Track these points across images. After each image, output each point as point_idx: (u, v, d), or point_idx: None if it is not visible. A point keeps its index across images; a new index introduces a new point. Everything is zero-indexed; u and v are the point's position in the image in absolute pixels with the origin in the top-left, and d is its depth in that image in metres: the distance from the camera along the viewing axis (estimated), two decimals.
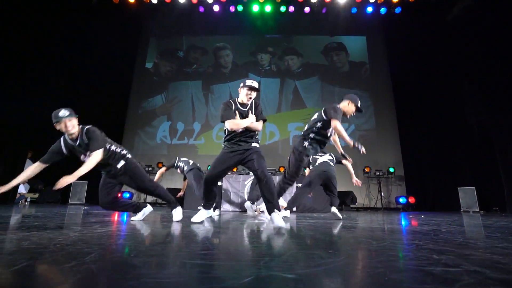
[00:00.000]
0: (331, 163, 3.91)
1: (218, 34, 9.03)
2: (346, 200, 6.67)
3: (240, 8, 8.10)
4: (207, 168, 6.79)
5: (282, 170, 6.87)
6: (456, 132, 6.59)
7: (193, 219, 2.55)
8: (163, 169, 4.54)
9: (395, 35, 8.28)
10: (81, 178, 6.33)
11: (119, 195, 6.53)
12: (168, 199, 2.74)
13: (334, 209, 3.57)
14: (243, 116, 2.44)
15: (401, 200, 7.03)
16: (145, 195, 7.33)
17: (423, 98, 7.52)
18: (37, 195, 5.95)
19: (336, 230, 2.13)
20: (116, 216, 3.30)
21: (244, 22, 8.72)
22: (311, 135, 2.93)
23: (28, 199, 6.32)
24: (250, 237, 1.73)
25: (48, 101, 6.10)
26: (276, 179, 5.82)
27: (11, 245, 1.23)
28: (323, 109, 2.92)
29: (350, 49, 8.84)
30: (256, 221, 3.02)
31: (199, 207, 2.72)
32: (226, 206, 5.71)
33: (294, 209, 3.37)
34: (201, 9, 8.12)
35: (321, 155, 4.02)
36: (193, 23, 8.65)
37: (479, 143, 5.97)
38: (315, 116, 3.02)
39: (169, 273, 0.82)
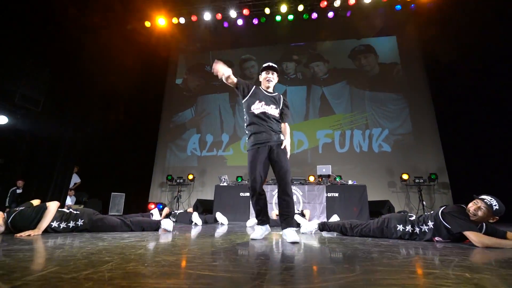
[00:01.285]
0: None
1: (243, 47, 9.31)
2: (382, 210, 6.30)
3: (263, 20, 8.30)
4: (236, 179, 6.99)
5: (312, 179, 6.73)
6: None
7: (252, 236, 2.38)
8: (167, 210, 4.98)
9: (428, 32, 7.80)
10: (119, 190, 6.78)
11: (154, 205, 6.83)
12: (154, 227, 2.94)
13: None
14: (267, 99, 2.39)
15: None
16: (176, 206, 7.65)
17: (467, 96, 6.89)
18: (82, 206, 6.56)
19: (363, 244, 2.04)
20: None
21: (267, 33, 8.91)
22: None
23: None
24: (262, 250, 1.73)
25: (91, 121, 6.75)
26: (305, 188, 5.74)
27: (45, 253, 1.39)
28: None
29: (379, 51, 8.52)
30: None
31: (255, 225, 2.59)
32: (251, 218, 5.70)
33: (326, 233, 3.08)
34: (226, 24, 8.48)
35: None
36: (218, 38, 9.05)
37: None
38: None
39: (171, 283, 0.87)
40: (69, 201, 6.50)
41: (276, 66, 2.48)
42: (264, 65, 2.46)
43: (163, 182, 8.44)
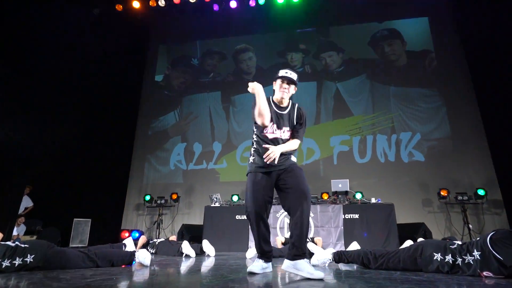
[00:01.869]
0: None
1: (238, 35, 9.41)
2: (415, 236, 6.23)
3: (261, 1, 8.42)
4: (231, 199, 6.96)
5: (325, 197, 6.69)
6: None
7: (250, 268, 2.42)
8: (144, 239, 5.03)
9: (469, 11, 7.84)
10: (83, 215, 6.74)
11: (127, 233, 6.81)
12: (126, 261, 2.92)
13: None
14: (279, 120, 2.49)
15: None
16: (156, 234, 7.60)
17: None
18: (34, 238, 6.48)
19: (389, 279, 2.00)
20: None
21: (267, 17, 9.02)
22: None
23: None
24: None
25: (49, 129, 6.75)
26: (317, 208, 5.71)
27: None
28: None
29: (407, 36, 8.59)
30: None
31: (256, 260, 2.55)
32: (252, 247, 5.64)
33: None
34: (216, 7, 8.61)
35: None
36: (207, 24, 9.16)
37: None
38: None
39: None
40: (16, 231, 6.43)
41: (296, 78, 2.54)
42: (282, 74, 2.52)
43: (139, 203, 8.40)
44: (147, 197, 8.00)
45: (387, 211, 5.57)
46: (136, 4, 8.54)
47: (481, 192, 6.89)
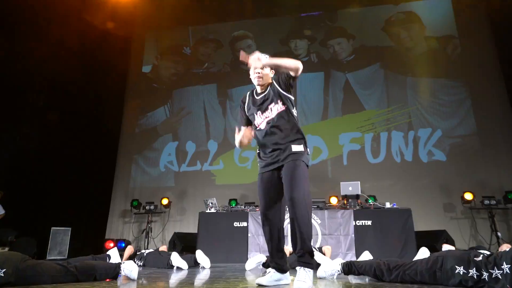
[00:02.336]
0: None
1: (235, 19, 9.42)
2: (436, 245, 6.24)
3: None
4: (229, 204, 6.98)
5: (334, 201, 6.71)
6: None
7: (258, 280, 2.44)
8: (131, 250, 5.07)
9: None
10: (63, 223, 6.74)
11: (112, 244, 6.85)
12: (111, 274, 2.93)
13: None
14: (261, 107, 2.52)
15: None
16: (145, 244, 7.63)
17: None
18: (6, 249, 6.48)
19: None
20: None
21: (268, 0, 9.02)
22: None
23: None
24: None
25: (22, 127, 6.77)
26: (325, 214, 5.72)
27: None
28: None
29: (425, 20, 8.58)
30: None
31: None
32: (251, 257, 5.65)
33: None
34: None
35: None
36: (200, 8, 9.16)
37: None
38: None
39: None
40: None
41: (265, 56, 2.49)
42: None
43: (126, 210, 8.44)
44: (135, 203, 8.04)
45: (403, 217, 5.56)
46: None
47: (511, 196, 6.92)
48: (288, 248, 4.95)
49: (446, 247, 3.94)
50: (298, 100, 8.24)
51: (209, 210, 6.35)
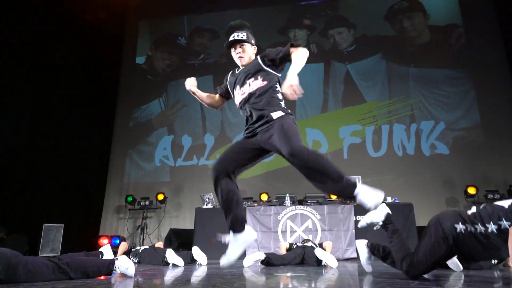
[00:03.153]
0: None
1: (231, 8, 9.35)
2: None
3: None
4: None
5: (334, 196, 6.72)
6: None
7: (223, 262, 2.34)
8: (125, 246, 5.09)
9: None
10: (55, 220, 6.70)
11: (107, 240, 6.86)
12: (104, 271, 2.91)
13: None
14: (240, 80, 2.44)
15: None
16: (140, 240, 7.64)
17: None
18: None
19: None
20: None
21: None
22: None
23: None
24: None
25: (10, 120, 6.72)
26: (325, 209, 5.74)
27: None
28: None
29: (429, 8, 8.56)
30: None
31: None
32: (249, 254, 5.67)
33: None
34: None
35: None
36: None
37: None
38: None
39: None
40: None
41: (242, 34, 2.52)
42: (228, 41, 2.53)
43: (120, 206, 8.44)
44: (129, 199, 8.03)
45: (405, 211, 5.60)
46: None
47: None
48: (283, 244, 4.97)
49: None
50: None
51: (206, 205, 6.36)
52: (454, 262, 3.09)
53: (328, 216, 5.70)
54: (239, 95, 2.40)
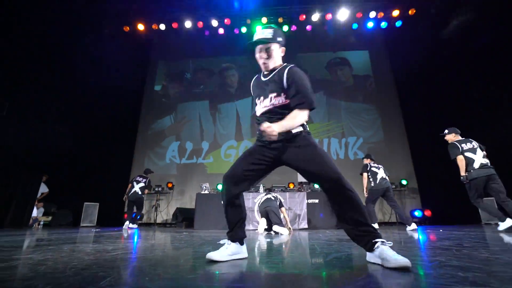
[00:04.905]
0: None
1: (224, 55, 9.31)
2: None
3: (243, 30, 8.40)
4: (216, 187, 6.85)
5: (291, 186, 6.79)
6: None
7: (212, 256, 1.47)
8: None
9: (397, 47, 8.37)
10: (93, 199, 6.33)
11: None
12: None
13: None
14: (264, 89, 1.60)
15: (416, 213, 6.79)
16: (154, 216, 7.31)
17: (431, 108, 7.43)
18: (50, 218, 6.01)
19: (352, 248, 2.06)
20: (127, 238, 3.28)
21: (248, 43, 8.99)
22: None
23: (42, 222, 6.39)
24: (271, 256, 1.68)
25: (62, 126, 6.30)
26: (287, 195, 5.76)
27: (27, 270, 1.24)
28: None
29: (353, 64, 8.95)
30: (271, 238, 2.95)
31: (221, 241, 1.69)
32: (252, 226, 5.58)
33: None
34: (207, 32, 8.46)
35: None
36: (199, 46, 8.97)
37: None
38: None
39: None
40: (35, 212, 5.94)
41: (268, 32, 1.58)
42: (249, 43, 1.60)
43: None
44: None
45: None
46: (141, 27, 8.21)
47: (404, 182, 7.36)
48: (261, 224, 4.87)
49: None
50: None
51: (204, 191, 6.22)
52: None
53: (289, 200, 5.72)
54: (260, 107, 1.62)
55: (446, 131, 4.20)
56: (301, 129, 1.52)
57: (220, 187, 6.66)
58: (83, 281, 1.01)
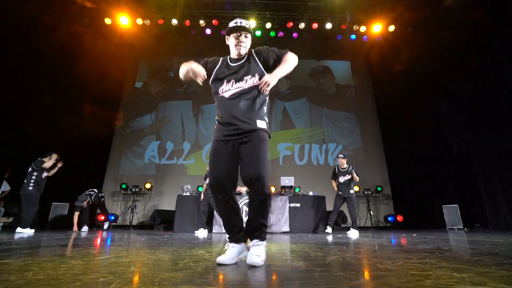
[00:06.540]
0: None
1: (209, 56, 9.18)
2: (337, 219, 6.69)
3: None
4: (197, 189, 6.73)
5: (273, 189, 6.83)
6: (439, 151, 6.88)
7: (222, 260, 1.50)
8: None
9: (377, 60, 8.80)
10: (62, 199, 5.87)
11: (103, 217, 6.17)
12: None
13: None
14: (237, 73, 1.68)
15: (389, 218, 7.15)
16: (130, 217, 7.01)
17: (406, 119, 7.82)
18: (11, 219, 5.51)
19: (345, 251, 2.13)
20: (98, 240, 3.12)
21: None
22: None
23: (1, 224, 5.88)
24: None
25: (32, 119, 5.86)
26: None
27: (15, 277, 1.14)
28: None
29: (336, 73, 9.26)
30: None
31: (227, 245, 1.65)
32: (217, 228, 5.49)
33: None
34: (193, 31, 8.34)
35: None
36: (184, 44, 8.79)
37: (460, 162, 6.28)
38: None
39: None
40: None
41: (246, 23, 1.74)
42: (232, 25, 1.71)
43: (115, 191, 7.68)
44: (123, 186, 7.37)
45: (320, 200, 5.90)
46: (125, 21, 7.89)
47: (379, 188, 7.72)
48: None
49: None
50: None
51: (185, 193, 6.07)
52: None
53: (272, 204, 5.75)
54: (228, 86, 1.68)
55: None
56: (265, 126, 1.69)
57: (201, 189, 6.55)
58: (88, 287, 0.95)
